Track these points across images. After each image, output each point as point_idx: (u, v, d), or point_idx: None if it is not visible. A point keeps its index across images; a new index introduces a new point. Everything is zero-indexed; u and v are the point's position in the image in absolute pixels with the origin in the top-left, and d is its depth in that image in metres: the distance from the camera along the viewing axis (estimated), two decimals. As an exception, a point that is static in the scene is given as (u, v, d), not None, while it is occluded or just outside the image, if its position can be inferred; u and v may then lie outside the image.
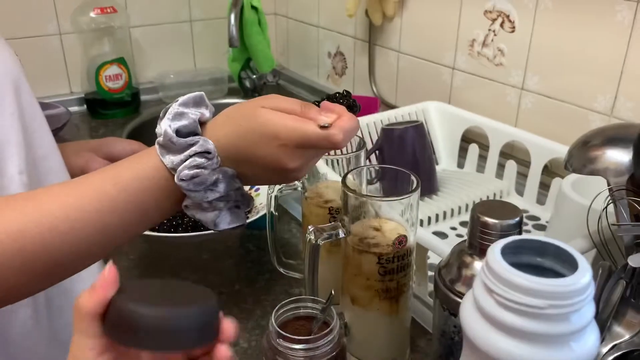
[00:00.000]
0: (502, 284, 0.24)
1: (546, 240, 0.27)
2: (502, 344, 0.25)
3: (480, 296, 0.26)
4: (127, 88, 1.37)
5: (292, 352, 0.47)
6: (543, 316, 0.24)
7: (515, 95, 0.98)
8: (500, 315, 0.25)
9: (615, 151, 0.55)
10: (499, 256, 0.25)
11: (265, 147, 0.47)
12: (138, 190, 0.48)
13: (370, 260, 0.55)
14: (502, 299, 0.24)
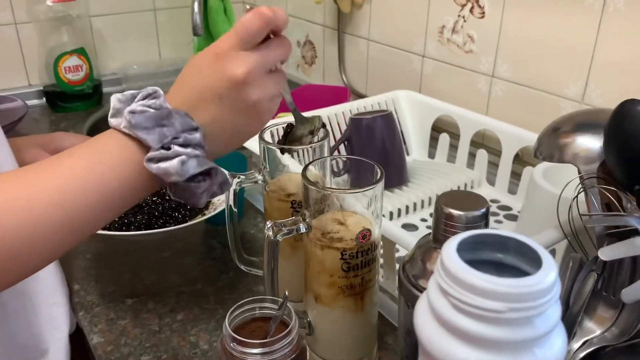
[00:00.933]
0: (457, 284, 0.22)
1: (507, 234, 0.25)
2: (458, 352, 0.22)
3: (434, 298, 0.23)
4: (88, 80, 1.31)
5: (248, 356, 0.44)
6: (503, 321, 0.21)
7: (485, 83, 0.96)
8: (456, 319, 0.22)
9: (586, 138, 0.53)
10: (453, 253, 0.22)
11: (205, 67, 0.44)
12: (96, 164, 0.43)
13: (333, 256, 0.52)
14: (458, 302, 0.22)
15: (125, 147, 0.44)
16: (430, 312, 0.23)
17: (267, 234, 0.52)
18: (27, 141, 0.77)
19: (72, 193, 0.42)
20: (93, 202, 0.43)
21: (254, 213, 0.90)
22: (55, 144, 0.77)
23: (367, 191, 0.52)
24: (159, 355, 0.62)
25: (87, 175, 0.43)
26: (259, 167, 0.64)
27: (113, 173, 0.44)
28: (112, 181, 0.44)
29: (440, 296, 0.23)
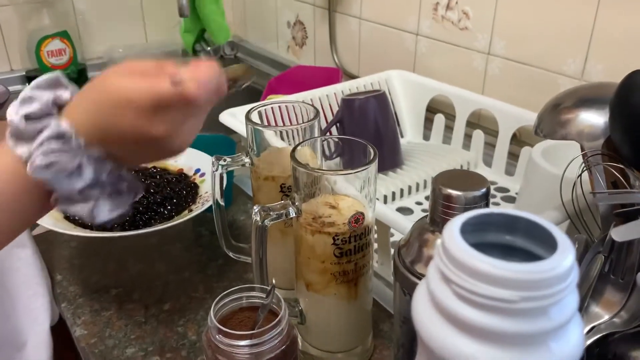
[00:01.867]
0: (462, 271, 0.19)
1: (516, 213, 0.22)
2: (462, 346, 0.19)
3: (435, 287, 0.20)
4: (72, 64, 1.27)
5: (235, 349, 0.41)
6: (514, 311, 0.18)
7: (481, 61, 0.93)
8: (460, 310, 0.19)
9: (589, 113, 0.50)
10: (457, 236, 0.20)
11: (122, 117, 0.40)
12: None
13: (325, 241, 0.50)
14: (462, 290, 0.19)
15: (25, 177, 0.40)
16: (430, 301, 0.21)
17: (255, 219, 0.49)
18: (2, 127, 0.74)
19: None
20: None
21: (243, 199, 0.87)
22: None
23: (360, 172, 0.49)
24: (145, 347, 0.60)
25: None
26: (247, 150, 0.61)
27: (18, 207, 0.42)
28: (15, 214, 0.42)
29: (441, 284, 0.20)
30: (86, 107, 0.41)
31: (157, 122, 0.41)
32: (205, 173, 0.80)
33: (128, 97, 0.40)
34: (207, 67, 0.42)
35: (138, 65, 0.42)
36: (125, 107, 0.40)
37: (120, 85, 0.40)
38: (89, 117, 0.41)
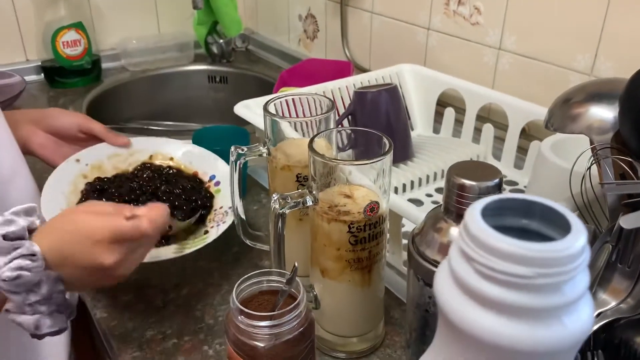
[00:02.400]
0: (484, 250, 0.20)
1: (532, 199, 0.24)
2: (483, 320, 0.21)
3: (457, 265, 0.22)
4: (86, 55, 1.29)
5: (255, 329, 0.43)
6: (531, 287, 0.20)
7: (492, 56, 0.94)
8: (481, 287, 0.21)
9: (599, 108, 0.52)
10: (478, 218, 0.21)
11: (82, 248, 0.49)
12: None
13: (341, 229, 0.51)
14: (484, 268, 0.21)
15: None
16: (453, 279, 0.22)
17: (274, 206, 0.51)
18: (22, 116, 0.76)
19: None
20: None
21: (257, 190, 0.89)
22: (49, 121, 0.76)
23: (376, 163, 0.51)
24: (164, 330, 0.62)
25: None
26: (264, 140, 0.62)
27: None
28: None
29: (463, 262, 0.22)
30: (55, 236, 0.49)
31: (111, 252, 0.49)
32: (221, 182, 0.75)
33: (90, 230, 0.49)
34: (158, 208, 0.52)
35: (102, 206, 0.53)
36: (86, 238, 0.49)
37: (85, 220, 0.50)
38: (54, 244, 0.48)
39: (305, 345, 0.45)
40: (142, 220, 0.50)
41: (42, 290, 0.47)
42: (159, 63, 1.41)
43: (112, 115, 1.28)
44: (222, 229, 0.66)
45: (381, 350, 0.59)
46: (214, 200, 0.74)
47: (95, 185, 0.74)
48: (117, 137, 0.79)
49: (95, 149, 0.78)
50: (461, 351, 0.23)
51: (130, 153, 0.80)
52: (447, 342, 0.24)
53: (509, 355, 0.21)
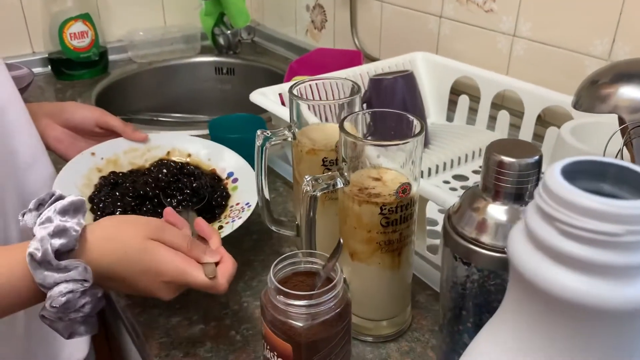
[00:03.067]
0: (568, 209, 0.20)
1: (606, 160, 0.24)
2: (567, 281, 0.21)
3: (537, 227, 0.22)
4: (93, 47, 1.28)
5: (293, 309, 0.43)
6: (619, 245, 0.20)
7: (506, 43, 0.94)
8: (566, 246, 0.21)
9: (629, 88, 0.52)
10: (560, 178, 0.21)
11: (147, 280, 0.48)
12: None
13: (372, 211, 0.51)
14: (568, 227, 0.20)
15: (30, 291, 0.46)
16: (531, 242, 0.22)
17: (306, 188, 0.51)
18: (38, 109, 0.75)
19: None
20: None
21: (272, 178, 0.89)
22: (66, 115, 0.75)
23: (406, 145, 0.51)
24: (189, 316, 0.61)
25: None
26: (288, 125, 0.62)
27: (9, 309, 0.47)
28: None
29: (543, 223, 0.22)
30: (111, 254, 0.47)
31: (174, 291, 0.50)
32: (239, 179, 0.73)
33: (164, 270, 0.48)
34: (232, 261, 0.51)
35: (172, 237, 0.50)
36: (157, 275, 0.48)
37: (160, 256, 0.48)
38: (110, 263, 0.47)
39: (342, 326, 0.45)
40: (222, 283, 0.49)
41: (84, 309, 0.46)
42: (166, 55, 1.40)
43: (120, 107, 1.27)
44: (237, 224, 0.64)
45: (409, 334, 0.59)
46: (230, 198, 0.71)
47: (110, 179, 0.72)
48: (134, 132, 0.78)
49: (111, 143, 0.76)
50: (540, 316, 0.23)
51: (147, 148, 0.78)
52: (521, 308, 0.24)
53: (594, 314, 0.21)
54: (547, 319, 0.23)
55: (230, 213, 0.68)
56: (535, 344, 0.24)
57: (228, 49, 1.43)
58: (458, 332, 0.48)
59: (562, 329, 0.22)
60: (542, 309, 0.22)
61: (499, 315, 0.27)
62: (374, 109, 0.55)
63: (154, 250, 0.48)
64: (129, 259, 0.47)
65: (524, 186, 0.42)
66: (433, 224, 0.74)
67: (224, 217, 0.68)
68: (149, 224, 0.50)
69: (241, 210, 0.67)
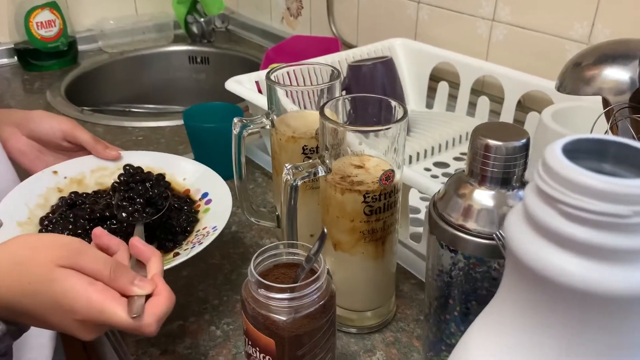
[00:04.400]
0: (571, 190, 0.19)
1: (608, 138, 0.22)
2: (571, 266, 0.20)
3: (536, 210, 0.20)
4: (62, 36, 1.24)
5: (275, 302, 0.41)
6: (626, 227, 0.19)
7: (486, 28, 0.93)
8: (569, 230, 0.19)
9: (613, 69, 0.51)
10: (562, 157, 0.20)
11: (59, 317, 0.40)
12: None
13: (355, 199, 0.50)
14: (571, 209, 0.19)
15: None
16: (531, 226, 0.21)
17: (286, 177, 0.49)
18: (4, 116, 0.69)
19: None
20: None
21: (251, 168, 0.87)
22: (32, 125, 0.69)
23: (388, 130, 0.49)
24: (167, 312, 0.59)
25: None
26: (266, 112, 0.60)
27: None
28: None
29: (544, 206, 0.20)
30: (15, 285, 0.39)
31: (95, 331, 0.41)
32: (212, 200, 0.65)
33: (76, 307, 0.39)
34: (166, 295, 0.43)
35: (90, 263, 0.40)
36: (68, 312, 0.39)
37: (69, 289, 0.39)
38: (14, 296, 0.39)
39: (327, 319, 0.43)
40: (150, 322, 0.41)
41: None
42: (138, 44, 1.36)
43: (91, 98, 1.24)
44: (196, 250, 0.55)
45: (393, 324, 0.58)
46: (198, 223, 0.64)
47: (68, 199, 0.64)
48: (106, 150, 0.69)
49: (78, 161, 0.69)
50: (541, 305, 0.21)
51: (118, 167, 0.69)
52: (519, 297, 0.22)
53: (600, 301, 0.20)
54: (548, 308, 0.21)
55: (194, 238, 0.61)
56: (536, 334, 0.23)
57: (202, 38, 1.40)
58: (445, 321, 0.47)
59: (565, 318, 0.21)
60: (543, 297, 0.21)
61: (494, 306, 0.25)
62: (355, 94, 0.54)
63: (63, 281, 0.39)
64: (34, 291, 0.39)
65: (511, 170, 0.41)
66: (415, 212, 0.73)
67: (187, 243, 0.61)
68: (66, 247, 0.41)
69: (206, 234, 0.60)
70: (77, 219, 0.61)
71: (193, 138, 0.82)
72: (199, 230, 0.62)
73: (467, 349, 0.26)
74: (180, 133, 0.97)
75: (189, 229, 0.63)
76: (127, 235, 0.61)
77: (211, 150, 0.80)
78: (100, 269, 0.41)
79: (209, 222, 0.61)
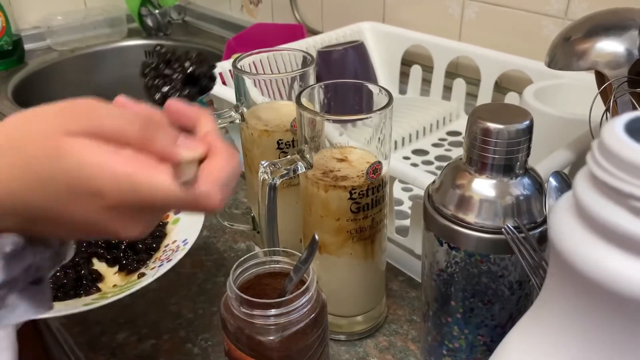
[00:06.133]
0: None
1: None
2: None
3: (596, 206, 0.16)
4: (5, 35, 1.15)
5: (261, 320, 0.36)
6: None
7: (457, 7, 0.89)
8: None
9: (607, 41, 0.47)
10: (628, 139, 0.16)
11: (83, 209, 0.28)
12: None
13: (340, 196, 0.45)
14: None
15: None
16: (586, 225, 0.17)
17: (263, 177, 0.44)
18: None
19: None
20: None
21: (218, 166, 0.81)
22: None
23: (372, 119, 0.45)
24: (137, 330, 0.54)
25: None
26: (235, 105, 0.55)
27: None
28: None
29: (607, 201, 0.16)
30: (12, 173, 0.28)
31: (134, 222, 0.29)
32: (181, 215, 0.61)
33: (100, 187, 0.27)
34: (227, 158, 0.30)
35: (111, 122, 0.28)
36: (91, 197, 0.27)
37: (87, 164, 0.27)
38: (14, 190, 0.28)
39: (319, 333, 0.39)
40: (208, 190, 0.29)
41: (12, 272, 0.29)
42: (89, 40, 1.28)
43: (42, 100, 1.13)
44: (165, 268, 0.50)
45: (385, 327, 0.54)
46: (165, 238, 0.59)
47: None
48: None
49: None
50: (601, 320, 0.17)
51: None
52: (576, 313, 0.18)
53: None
54: (610, 325, 0.17)
55: (161, 255, 0.56)
56: (586, 349, 0.18)
57: (157, 31, 1.32)
58: (446, 324, 0.43)
59: (630, 337, 0.17)
60: (605, 312, 0.17)
61: (533, 320, 0.21)
62: (333, 81, 0.49)
63: (75, 154, 0.27)
64: (41, 179, 0.27)
65: (514, 156, 0.37)
66: (398, 204, 0.69)
67: (153, 260, 0.56)
68: (71, 108, 0.29)
69: (175, 249, 0.55)
70: None
71: (155, 137, 0.75)
72: (168, 245, 0.56)
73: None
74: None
75: (154, 245, 0.57)
76: (89, 257, 0.56)
77: (175, 150, 0.74)
78: (125, 128, 0.28)
79: (179, 235, 0.56)
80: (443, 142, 0.83)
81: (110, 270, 0.57)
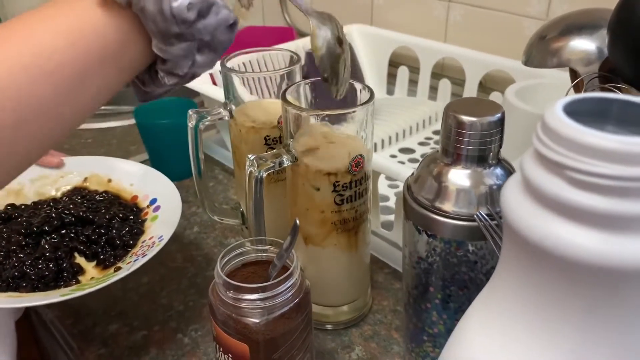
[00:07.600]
0: (580, 153, 0.17)
1: (610, 97, 0.20)
2: (586, 241, 0.17)
3: (540, 179, 0.18)
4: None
5: (247, 303, 0.38)
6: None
7: (442, 9, 0.91)
8: (580, 199, 0.17)
9: (580, 40, 0.50)
10: (566, 118, 0.17)
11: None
12: None
13: (324, 188, 0.47)
14: (582, 175, 0.17)
15: None
16: (533, 199, 0.18)
17: (250, 170, 0.45)
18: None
19: None
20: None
21: (210, 165, 0.83)
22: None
23: (356, 113, 0.46)
24: (129, 322, 0.55)
25: None
26: (224, 102, 0.56)
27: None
28: None
29: (548, 174, 0.18)
30: None
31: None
32: (161, 207, 0.62)
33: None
34: None
35: None
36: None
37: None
38: None
39: (303, 317, 0.41)
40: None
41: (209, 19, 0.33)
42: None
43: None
44: (139, 263, 0.51)
45: (370, 317, 0.55)
46: (143, 234, 0.60)
47: (1, 213, 0.61)
48: (47, 155, 0.64)
49: None
50: (551, 287, 0.19)
51: (60, 175, 0.67)
52: (526, 281, 0.20)
53: (620, 278, 0.17)
54: (560, 290, 0.19)
55: (138, 250, 0.57)
56: (545, 322, 0.20)
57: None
58: (425, 310, 0.45)
59: (579, 300, 0.19)
60: (554, 277, 0.19)
61: (491, 293, 0.23)
62: (317, 78, 0.51)
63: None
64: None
65: (487, 147, 0.39)
66: (384, 200, 0.71)
67: (130, 255, 0.57)
68: None
69: (151, 245, 0.56)
70: (10, 235, 0.57)
71: (146, 137, 0.77)
72: (145, 241, 0.58)
73: (466, 338, 0.23)
74: (132, 133, 0.92)
75: (131, 242, 0.59)
76: (70, 251, 0.58)
77: (167, 149, 0.75)
78: None
79: (156, 231, 0.58)
80: (429, 140, 0.85)
81: (89, 265, 0.58)
